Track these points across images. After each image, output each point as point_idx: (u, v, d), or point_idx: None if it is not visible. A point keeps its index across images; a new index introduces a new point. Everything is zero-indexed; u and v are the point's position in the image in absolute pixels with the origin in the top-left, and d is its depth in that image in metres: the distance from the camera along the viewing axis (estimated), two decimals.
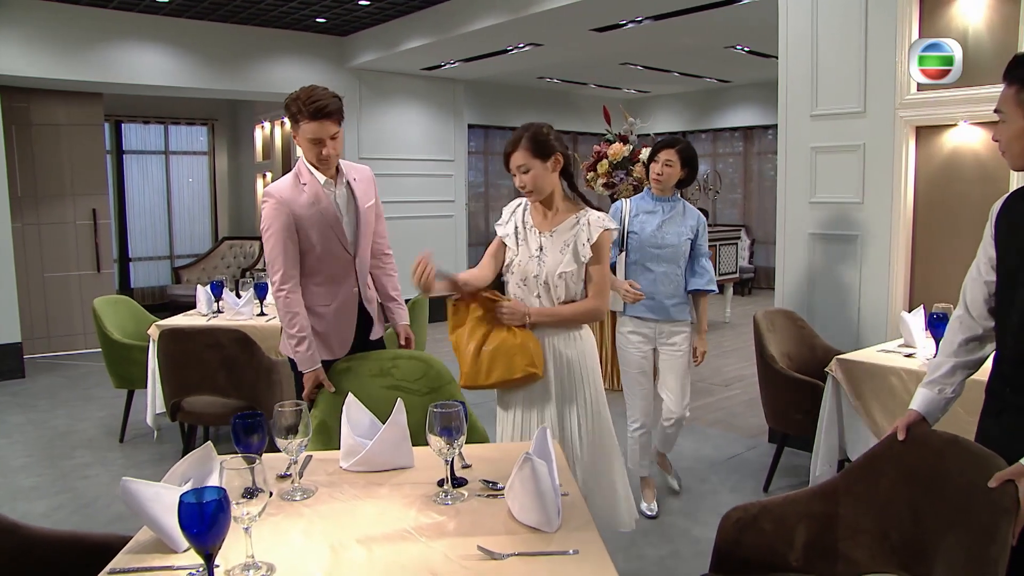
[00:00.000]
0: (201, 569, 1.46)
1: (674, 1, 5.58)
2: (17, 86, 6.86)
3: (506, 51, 7.32)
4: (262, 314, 4.57)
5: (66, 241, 7.47)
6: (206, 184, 10.58)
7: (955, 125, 3.71)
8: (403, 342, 3.03)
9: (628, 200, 3.58)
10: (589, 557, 1.47)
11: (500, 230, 2.67)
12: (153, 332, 4.33)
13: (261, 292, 4.60)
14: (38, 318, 7.31)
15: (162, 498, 1.59)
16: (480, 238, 11.49)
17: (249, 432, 1.78)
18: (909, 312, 3.56)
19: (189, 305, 5.31)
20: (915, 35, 3.75)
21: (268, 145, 10.17)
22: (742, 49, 8.46)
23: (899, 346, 3.38)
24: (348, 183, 2.90)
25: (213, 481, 1.68)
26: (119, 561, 1.53)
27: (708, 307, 3.63)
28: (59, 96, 7.26)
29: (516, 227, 2.63)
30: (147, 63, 7.12)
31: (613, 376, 5.81)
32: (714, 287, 3.51)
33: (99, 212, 7.59)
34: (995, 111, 1.83)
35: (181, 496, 1.32)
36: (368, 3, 6.73)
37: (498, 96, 11.30)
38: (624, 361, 3.57)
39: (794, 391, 3.62)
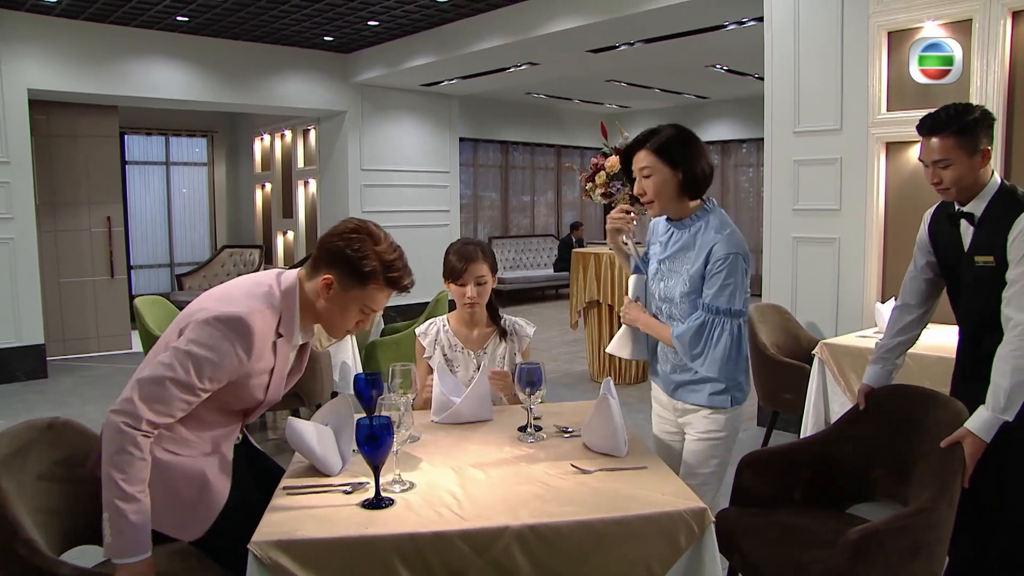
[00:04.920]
0: (352, 488, 1.89)
1: (665, 26, 6.11)
2: (37, 99, 7.19)
3: (504, 69, 7.81)
4: None
5: (81, 248, 7.78)
6: (205, 194, 10.91)
7: (920, 141, 4.23)
8: None
9: (660, 220, 2.39)
10: (656, 471, 1.94)
11: (431, 362, 2.68)
12: None
13: None
14: (54, 322, 7.59)
15: (316, 433, 2.01)
16: None
17: (370, 386, 2.22)
18: (883, 303, 4.08)
19: None
20: (885, 62, 4.28)
21: (268, 157, 10.54)
22: (721, 68, 9.04)
23: (875, 332, 3.88)
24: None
25: (348, 424, 2.08)
26: (286, 482, 1.94)
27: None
28: (77, 108, 7.59)
29: (443, 353, 2.70)
30: (162, 78, 7.50)
31: (625, 370, 6.29)
32: (681, 347, 2.20)
33: (113, 220, 7.92)
34: (934, 162, 2.24)
35: (359, 420, 1.75)
36: (376, 23, 7.18)
37: (487, 111, 11.79)
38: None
39: (784, 374, 4.11)
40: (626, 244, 2.42)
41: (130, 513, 1.68)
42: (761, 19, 5.04)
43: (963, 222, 2.32)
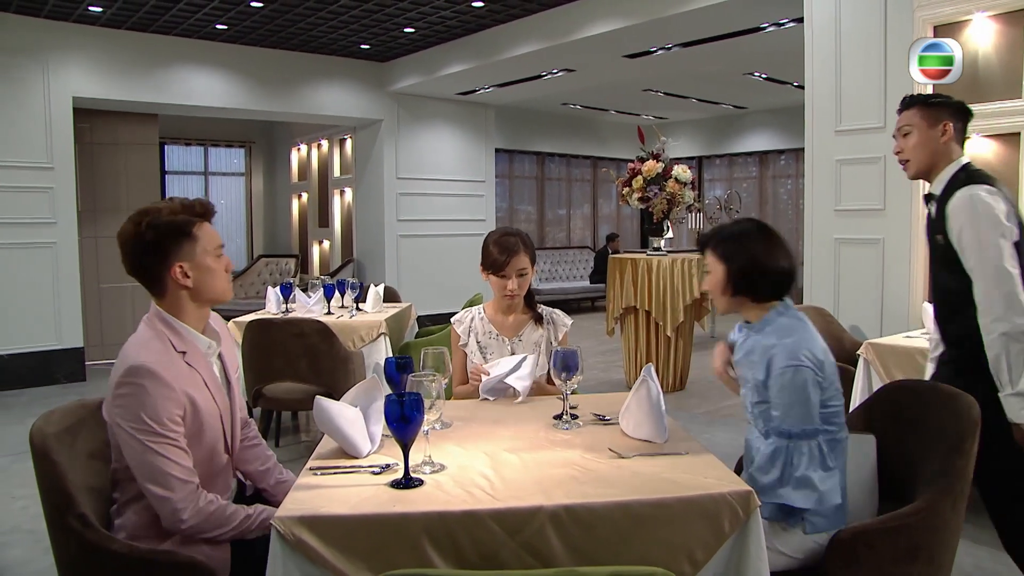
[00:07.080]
0: (380, 469, 1.83)
1: (702, 29, 6.04)
2: (81, 107, 7.33)
3: (540, 76, 7.79)
4: (329, 313, 4.96)
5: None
6: (242, 204, 11.04)
7: (968, 137, 4.09)
8: None
9: (739, 323, 2.20)
10: (698, 456, 1.85)
11: (466, 349, 2.72)
12: (232, 328, 4.71)
13: (329, 292, 5.01)
14: (93, 326, 7.69)
15: (344, 414, 1.96)
16: None
17: (400, 370, 2.17)
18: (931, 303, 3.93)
19: (231, 319, 5.47)
20: None
21: (304, 166, 10.65)
22: (760, 76, 8.92)
23: (922, 333, 3.74)
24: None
25: (378, 407, 2.03)
26: (313, 463, 1.89)
27: None
28: (118, 117, 7.73)
29: (477, 341, 2.70)
30: (202, 85, 7.62)
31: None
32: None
33: None
34: (898, 129, 2.43)
35: (388, 397, 1.70)
36: (412, 31, 7.21)
37: (523, 121, 11.78)
38: None
39: None
40: (733, 378, 2.22)
41: (247, 522, 1.86)
42: (800, 20, 4.95)
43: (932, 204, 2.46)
